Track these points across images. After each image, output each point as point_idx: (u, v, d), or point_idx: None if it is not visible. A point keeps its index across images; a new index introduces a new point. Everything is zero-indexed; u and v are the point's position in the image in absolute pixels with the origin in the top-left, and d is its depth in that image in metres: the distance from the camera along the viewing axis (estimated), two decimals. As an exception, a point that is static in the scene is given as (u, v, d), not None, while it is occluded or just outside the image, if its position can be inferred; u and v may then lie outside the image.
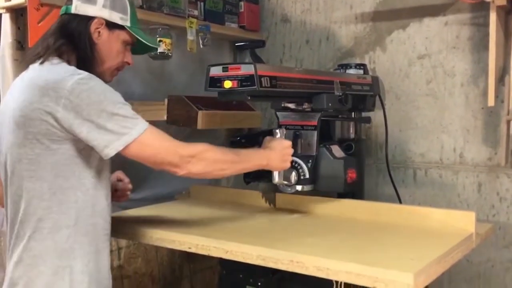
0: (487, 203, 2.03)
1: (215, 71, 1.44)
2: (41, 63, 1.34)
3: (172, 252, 2.28)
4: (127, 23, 1.42)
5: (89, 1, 1.39)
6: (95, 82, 1.28)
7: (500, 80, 1.94)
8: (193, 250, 1.42)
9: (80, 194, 1.31)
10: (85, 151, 1.29)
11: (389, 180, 2.06)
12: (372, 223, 1.60)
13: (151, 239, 1.49)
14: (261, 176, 1.61)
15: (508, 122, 1.84)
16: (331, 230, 1.56)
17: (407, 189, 2.19)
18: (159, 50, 2.05)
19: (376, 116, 2.25)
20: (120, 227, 1.56)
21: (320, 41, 2.42)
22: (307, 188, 1.62)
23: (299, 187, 1.61)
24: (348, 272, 1.16)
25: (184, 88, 2.30)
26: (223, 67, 1.43)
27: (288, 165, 1.55)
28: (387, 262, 1.17)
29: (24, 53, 1.69)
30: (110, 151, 1.26)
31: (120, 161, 2.07)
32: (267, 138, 1.56)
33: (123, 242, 2.07)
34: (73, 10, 1.39)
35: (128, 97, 2.05)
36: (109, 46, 1.41)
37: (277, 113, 1.70)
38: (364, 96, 1.90)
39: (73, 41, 1.37)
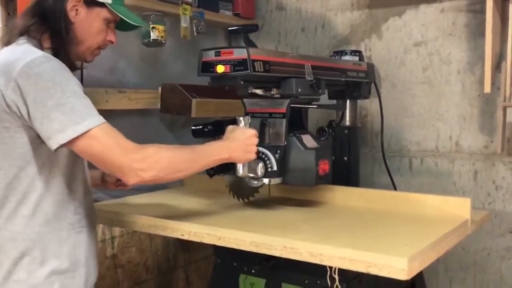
0: (483, 191, 2.02)
1: (208, 55, 1.42)
2: (7, 44, 1.28)
3: (167, 241, 2.27)
4: (108, 0, 1.34)
5: None
6: (48, 65, 1.18)
7: (497, 67, 1.93)
8: (185, 237, 1.40)
9: (38, 183, 1.24)
10: (40, 138, 1.20)
11: (384, 169, 2.05)
12: (366, 210, 1.58)
13: (143, 226, 1.47)
14: (226, 169, 1.47)
15: (504, 108, 1.83)
16: (325, 217, 1.54)
17: (403, 177, 2.18)
18: (152, 37, 2.04)
19: (371, 104, 2.24)
20: (112, 215, 1.55)
21: (316, 29, 2.40)
22: (275, 181, 1.48)
23: (266, 180, 1.47)
24: (342, 258, 1.14)
25: (178, 76, 2.28)
26: (215, 52, 1.40)
27: (253, 156, 1.41)
28: (381, 247, 1.15)
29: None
30: (52, 144, 1.16)
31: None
32: (229, 127, 1.43)
33: (116, 231, 2.05)
34: None
35: (122, 85, 2.06)
36: (88, 24, 1.32)
37: (244, 100, 1.57)
38: (359, 83, 1.88)
39: (47, 21, 1.28)
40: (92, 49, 1.37)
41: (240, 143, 1.39)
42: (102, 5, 1.33)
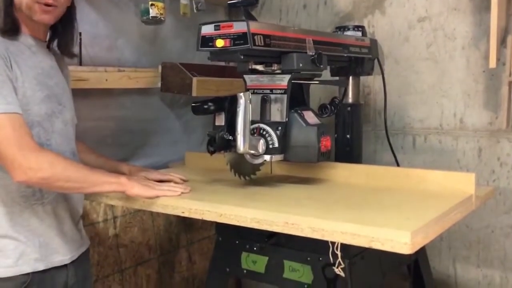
0: (488, 168, 2.00)
1: (207, 29, 1.39)
2: None
3: (169, 221, 2.27)
4: None
5: None
6: None
7: (502, 42, 1.89)
8: (186, 214, 1.39)
9: None
10: None
11: (387, 147, 2.03)
12: (369, 186, 1.57)
13: (143, 203, 1.45)
14: (226, 146, 1.46)
15: (510, 84, 1.80)
16: (327, 193, 1.53)
17: (406, 155, 2.15)
18: (152, 14, 2.00)
19: (375, 81, 2.21)
20: (112, 193, 1.53)
21: (318, 6, 2.36)
22: (276, 158, 1.47)
23: (267, 157, 1.45)
24: (344, 233, 1.13)
25: (178, 54, 2.25)
26: (215, 25, 1.37)
27: (152, 191, 1.43)
28: (383, 222, 1.14)
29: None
30: None
31: (116, 129, 2.05)
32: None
33: (118, 211, 2.05)
34: None
35: (121, 64, 2.03)
36: None
37: (244, 76, 1.55)
38: (362, 59, 1.85)
39: None
40: (29, 6, 1.33)
41: (138, 179, 1.46)
42: None
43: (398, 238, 1.06)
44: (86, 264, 1.57)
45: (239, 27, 1.34)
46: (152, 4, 1.99)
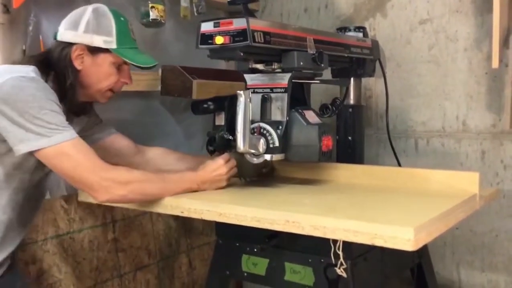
0: (491, 171, 1.97)
1: (207, 27, 1.37)
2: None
3: (169, 226, 2.24)
4: (112, 45, 1.38)
5: (72, 27, 1.38)
6: (31, 84, 1.25)
7: (505, 43, 1.88)
8: (185, 214, 1.37)
9: None
10: None
11: (390, 151, 2.00)
12: (371, 186, 1.55)
13: (142, 204, 1.43)
14: (226, 145, 1.48)
15: (513, 84, 1.78)
16: (329, 193, 1.51)
17: (409, 158, 2.13)
18: (152, 17, 1.99)
19: (376, 84, 2.20)
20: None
21: (319, 9, 2.35)
22: (276, 157, 1.45)
23: (267, 156, 1.44)
24: (346, 230, 1.11)
25: (179, 58, 2.23)
26: (214, 23, 1.36)
27: (223, 184, 1.49)
28: (386, 219, 1.11)
29: (11, 16, 1.63)
30: (23, 147, 1.23)
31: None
32: (206, 161, 1.51)
33: (117, 215, 2.02)
34: (58, 37, 1.40)
35: (121, 67, 2.01)
36: (96, 70, 1.39)
37: (244, 75, 1.54)
38: (363, 60, 1.83)
39: (53, 68, 1.36)
40: (101, 92, 1.43)
41: (208, 175, 1.47)
42: (107, 50, 1.38)
43: (401, 235, 1.04)
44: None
45: (239, 23, 1.33)
46: (152, 7, 1.98)
